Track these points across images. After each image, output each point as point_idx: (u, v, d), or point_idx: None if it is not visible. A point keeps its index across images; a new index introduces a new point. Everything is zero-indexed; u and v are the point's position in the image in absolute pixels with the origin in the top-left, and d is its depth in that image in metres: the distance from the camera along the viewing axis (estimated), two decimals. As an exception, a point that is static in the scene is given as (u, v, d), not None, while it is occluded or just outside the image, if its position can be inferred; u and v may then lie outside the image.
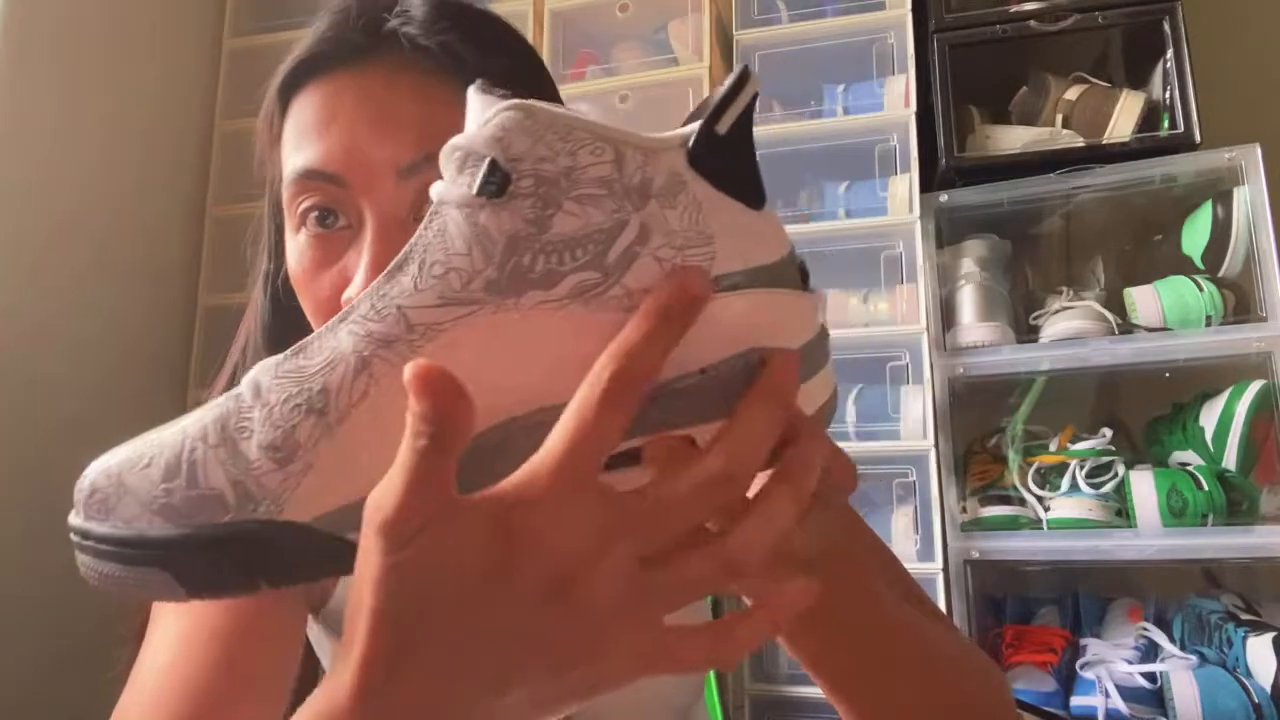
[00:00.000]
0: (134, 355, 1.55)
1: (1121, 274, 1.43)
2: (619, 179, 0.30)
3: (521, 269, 0.30)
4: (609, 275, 0.30)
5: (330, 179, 0.48)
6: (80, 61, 1.47)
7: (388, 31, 0.50)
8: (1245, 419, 1.26)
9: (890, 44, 1.48)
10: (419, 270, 0.31)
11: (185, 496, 0.30)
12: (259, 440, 0.30)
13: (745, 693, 1.35)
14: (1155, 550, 1.22)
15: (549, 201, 0.30)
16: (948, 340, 1.37)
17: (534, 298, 0.30)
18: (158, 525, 0.30)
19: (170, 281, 1.63)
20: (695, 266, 0.30)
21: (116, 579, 0.31)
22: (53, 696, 1.16)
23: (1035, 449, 1.35)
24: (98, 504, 0.31)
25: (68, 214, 1.43)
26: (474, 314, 0.30)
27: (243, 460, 0.30)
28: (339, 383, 0.30)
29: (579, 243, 0.30)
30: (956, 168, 1.42)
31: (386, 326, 0.30)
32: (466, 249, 0.30)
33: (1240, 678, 1.14)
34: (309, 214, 0.49)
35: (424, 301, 0.30)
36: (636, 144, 0.30)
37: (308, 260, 0.50)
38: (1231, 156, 1.32)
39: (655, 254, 0.30)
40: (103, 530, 0.31)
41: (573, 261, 0.30)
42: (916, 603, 0.52)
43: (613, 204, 0.30)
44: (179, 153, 1.67)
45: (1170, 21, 1.38)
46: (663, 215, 0.30)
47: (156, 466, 0.31)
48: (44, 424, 1.35)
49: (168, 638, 0.51)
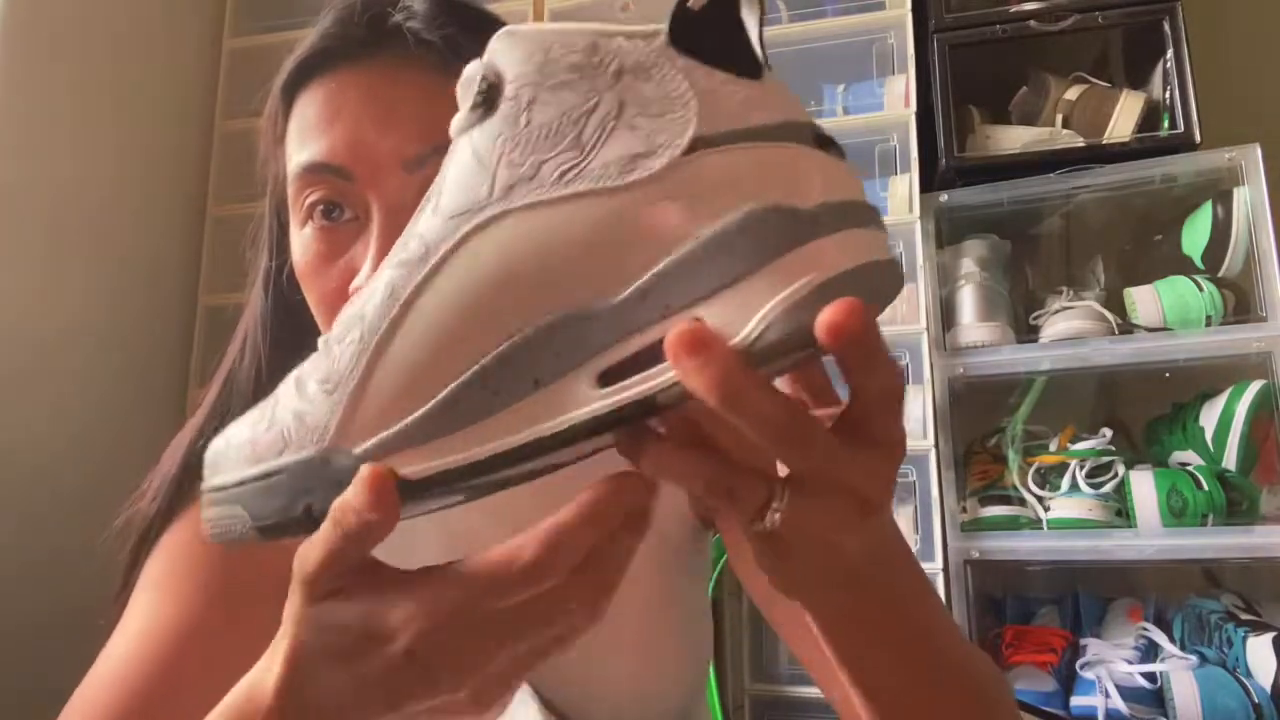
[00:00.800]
0: (134, 355, 1.55)
1: (1121, 274, 1.43)
2: (591, 64, 0.30)
3: (514, 167, 0.31)
4: (586, 153, 0.30)
5: (336, 172, 0.48)
6: (80, 61, 1.47)
7: (391, 27, 0.50)
8: (1245, 419, 1.26)
9: (890, 44, 1.48)
10: (435, 200, 0.32)
11: (265, 438, 0.33)
12: (316, 377, 0.33)
13: (745, 693, 1.35)
14: (1155, 550, 1.22)
15: (528, 100, 0.31)
16: (948, 340, 1.37)
17: (526, 192, 0.30)
18: (245, 468, 0.33)
19: (170, 281, 1.63)
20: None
21: (218, 524, 0.34)
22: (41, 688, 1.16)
23: (1035, 449, 1.35)
24: (211, 463, 0.35)
25: (67, 213, 1.43)
26: (481, 222, 0.31)
27: (305, 397, 0.33)
28: (374, 311, 0.32)
29: (557, 129, 0.30)
30: (956, 168, 1.42)
31: (410, 253, 0.32)
32: (471, 167, 0.31)
33: (1240, 678, 1.14)
34: (315, 208, 0.50)
35: (438, 223, 0.31)
36: (614, 32, 0.31)
37: (313, 254, 0.50)
38: (1231, 156, 1.32)
39: (631, 124, 0.30)
40: (211, 482, 0.34)
41: (554, 149, 0.30)
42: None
43: (586, 85, 0.30)
44: (179, 153, 1.67)
45: (1170, 21, 1.38)
46: (637, 88, 0.30)
47: (252, 422, 0.34)
48: (44, 424, 1.35)
49: (131, 631, 0.52)
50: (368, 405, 0.31)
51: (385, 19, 0.51)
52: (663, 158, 0.29)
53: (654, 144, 0.30)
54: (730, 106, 0.30)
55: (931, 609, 0.43)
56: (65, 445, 1.38)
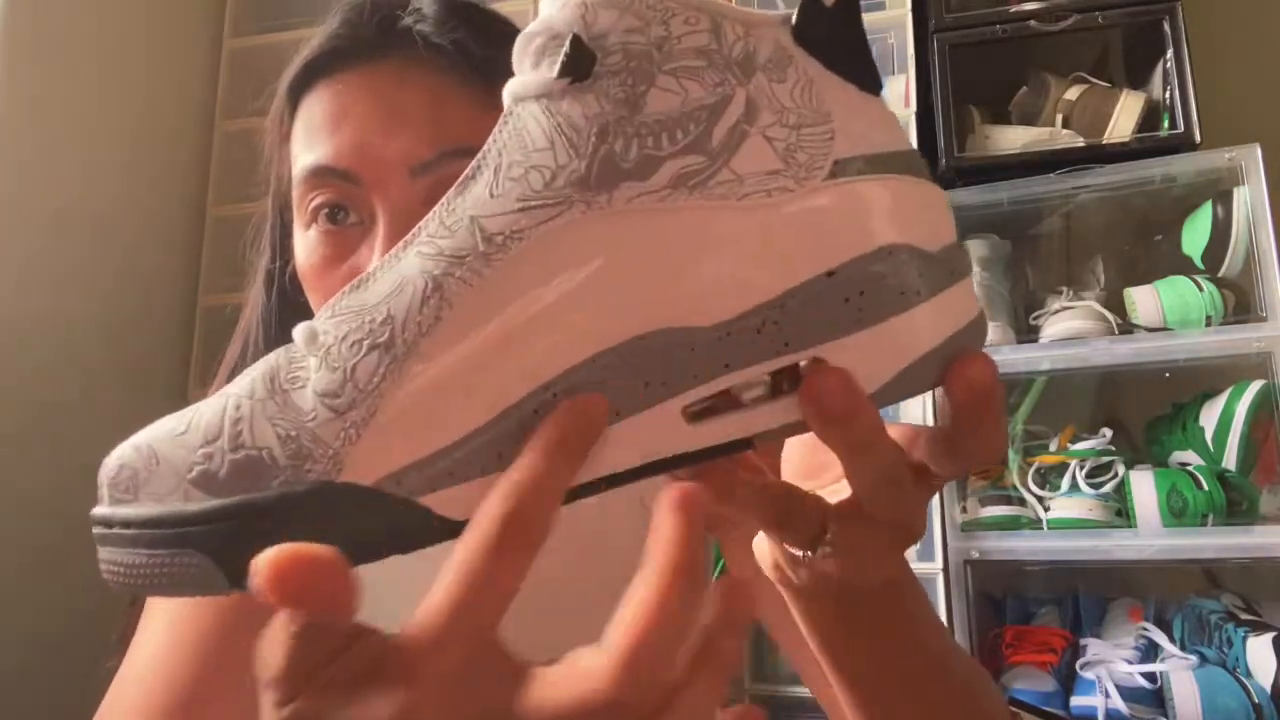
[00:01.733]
0: (134, 355, 1.55)
1: (1121, 274, 1.43)
2: (719, 50, 0.26)
3: (613, 158, 0.26)
4: (714, 158, 0.26)
5: (342, 175, 0.48)
6: (80, 61, 1.47)
7: (400, 29, 0.50)
8: (1245, 419, 1.26)
9: (890, 44, 1.48)
10: (494, 176, 0.27)
11: (228, 461, 0.25)
12: (315, 386, 0.26)
13: (745, 693, 1.35)
14: (1155, 550, 1.22)
15: (641, 77, 0.26)
16: (948, 340, 1.36)
17: (630, 190, 0.26)
18: (195, 498, 0.25)
19: (170, 281, 1.63)
20: (593, 396, 0.25)
21: (144, 572, 0.25)
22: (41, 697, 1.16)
23: (1035, 449, 1.35)
24: (125, 482, 0.27)
25: (67, 213, 1.43)
26: (560, 215, 0.26)
27: (294, 411, 0.25)
28: (406, 309, 0.25)
29: (678, 123, 0.26)
30: (956, 168, 1.41)
31: (459, 241, 0.26)
32: (549, 143, 0.26)
33: (1240, 678, 1.14)
34: (320, 211, 0.49)
35: (501, 208, 0.26)
36: (735, 16, 0.27)
37: (318, 256, 0.50)
38: (1231, 156, 1.31)
39: (765, 133, 0.26)
40: (128, 512, 0.26)
41: (671, 145, 0.26)
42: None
43: (714, 76, 0.26)
44: (179, 153, 1.67)
45: (1170, 21, 1.37)
46: (771, 90, 0.26)
47: (195, 431, 0.26)
48: (44, 424, 1.35)
49: (156, 633, 0.51)
50: (397, 425, 0.25)
51: (394, 21, 0.50)
52: (801, 180, 0.26)
53: (793, 162, 0.26)
54: (861, 127, 0.27)
55: (922, 613, 0.42)
56: (65, 445, 1.38)
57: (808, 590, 0.33)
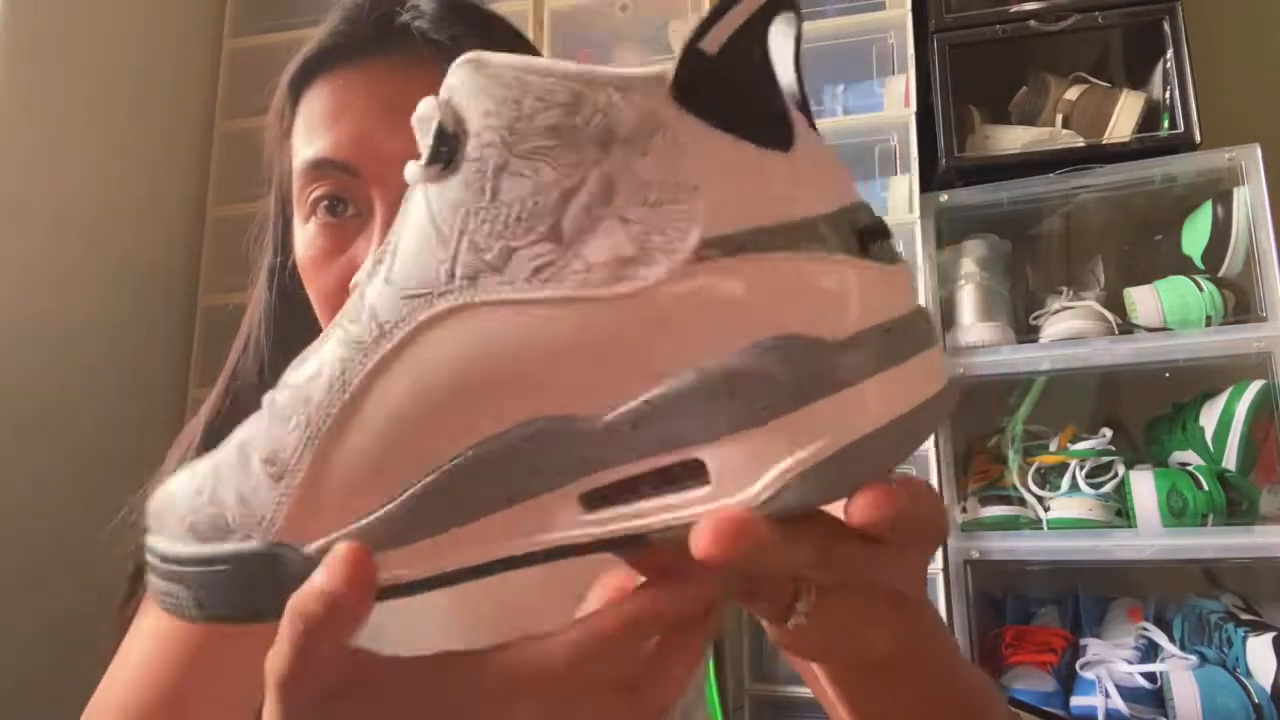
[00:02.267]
0: (134, 355, 1.55)
1: (1121, 274, 1.43)
2: (575, 125, 0.24)
3: (476, 249, 0.25)
4: (566, 247, 0.24)
5: (341, 168, 0.48)
6: (80, 61, 1.47)
7: (399, 26, 0.50)
8: (1245, 419, 1.26)
9: (890, 44, 1.48)
10: (389, 263, 0.27)
11: (206, 514, 0.28)
12: (260, 454, 0.28)
13: (745, 693, 1.35)
14: (1155, 550, 1.22)
15: (496, 162, 0.25)
16: (948, 340, 1.37)
17: (491, 284, 0.25)
18: (185, 541, 0.29)
19: (170, 281, 1.63)
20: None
21: (165, 597, 0.29)
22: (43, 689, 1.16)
23: (1035, 449, 1.35)
24: (154, 517, 0.30)
25: (67, 213, 1.43)
26: (433, 306, 0.26)
27: (250, 475, 0.28)
28: (320, 393, 0.27)
29: (532, 211, 0.25)
30: (956, 168, 1.41)
31: (360, 328, 0.27)
32: (428, 232, 0.26)
33: (1240, 678, 1.14)
34: (319, 203, 0.50)
35: (390, 296, 0.26)
36: (605, 80, 0.24)
37: (317, 249, 0.50)
38: (1231, 156, 1.31)
39: (622, 214, 0.24)
40: (153, 543, 0.30)
41: (526, 234, 0.25)
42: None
43: (568, 156, 0.24)
44: (179, 153, 1.67)
45: (1170, 21, 1.37)
46: (630, 164, 0.24)
47: (197, 479, 0.30)
48: (44, 424, 1.35)
49: (143, 636, 0.52)
50: (319, 498, 0.27)
51: (393, 18, 0.51)
52: (659, 266, 0.24)
53: (648, 245, 0.24)
54: (748, 193, 0.24)
55: (948, 666, 0.40)
56: (65, 445, 1.38)
57: (793, 649, 0.30)
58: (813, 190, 0.25)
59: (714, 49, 0.24)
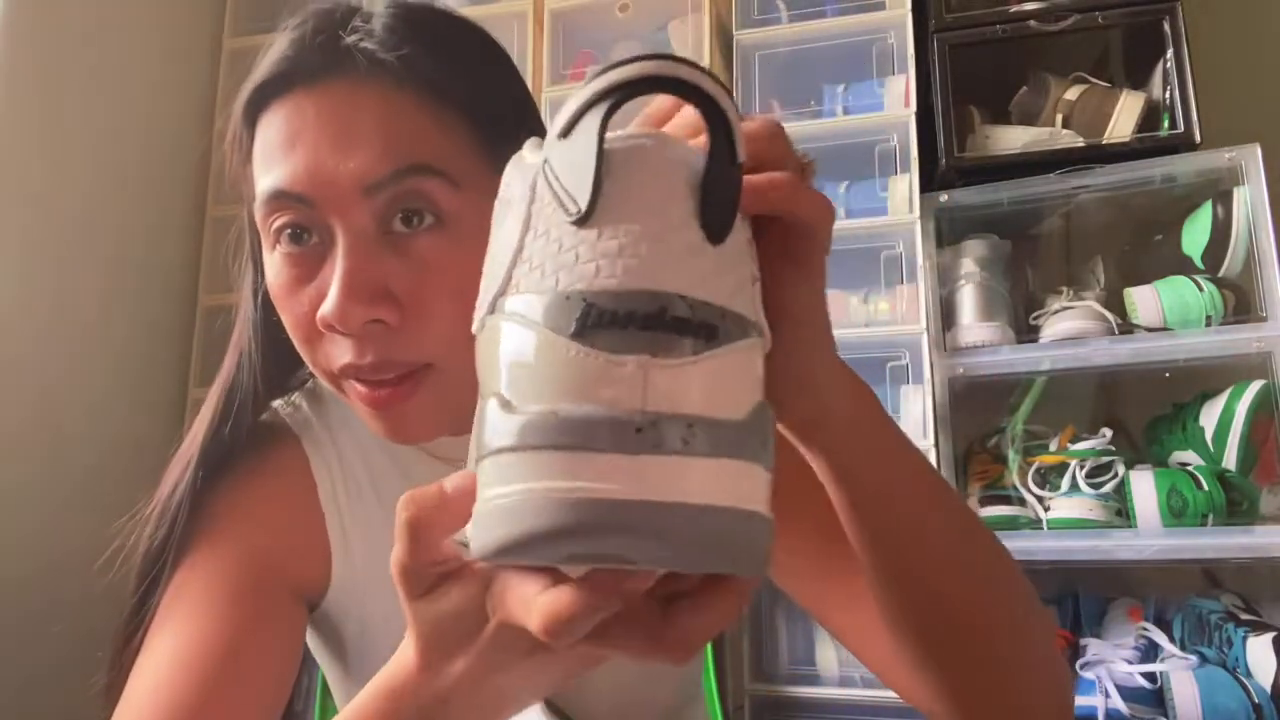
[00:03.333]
0: (134, 355, 1.55)
1: (1121, 274, 1.43)
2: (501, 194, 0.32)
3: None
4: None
5: (298, 199, 0.48)
6: (80, 61, 1.47)
7: (344, 49, 0.49)
8: (1245, 419, 1.26)
9: (890, 44, 1.48)
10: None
11: None
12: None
13: (745, 693, 1.35)
14: (1155, 550, 1.22)
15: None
16: (948, 340, 1.37)
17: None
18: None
19: (170, 281, 1.63)
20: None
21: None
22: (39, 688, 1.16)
23: (1035, 449, 1.35)
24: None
25: (67, 214, 1.43)
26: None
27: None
28: None
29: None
30: (956, 168, 1.41)
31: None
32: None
33: (1240, 678, 1.14)
34: (281, 232, 0.50)
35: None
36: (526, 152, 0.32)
37: (285, 278, 0.50)
38: (1231, 156, 1.31)
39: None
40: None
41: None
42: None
43: (500, 212, 0.32)
44: (179, 153, 1.67)
45: (1170, 21, 1.37)
46: (496, 226, 0.32)
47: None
48: (44, 424, 1.35)
49: (167, 642, 0.51)
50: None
51: (338, 41, 0.50)
52: (482, 311, 0.30)
53: (481, 300, 0.30)
54: (539, 263, 0.28)
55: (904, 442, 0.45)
56: (65, 445, 1.38)
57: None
58: (579, 269, 0.27)
59: (560, 131, 0.29)
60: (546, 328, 0.26)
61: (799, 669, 1.36)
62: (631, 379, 0.25)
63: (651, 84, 0.27)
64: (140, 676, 0.51)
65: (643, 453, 0.25)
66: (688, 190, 0.28)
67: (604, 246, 0.26)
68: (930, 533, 0.44)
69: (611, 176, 0.27)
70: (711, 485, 0.25)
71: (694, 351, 0.26)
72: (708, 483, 0.25)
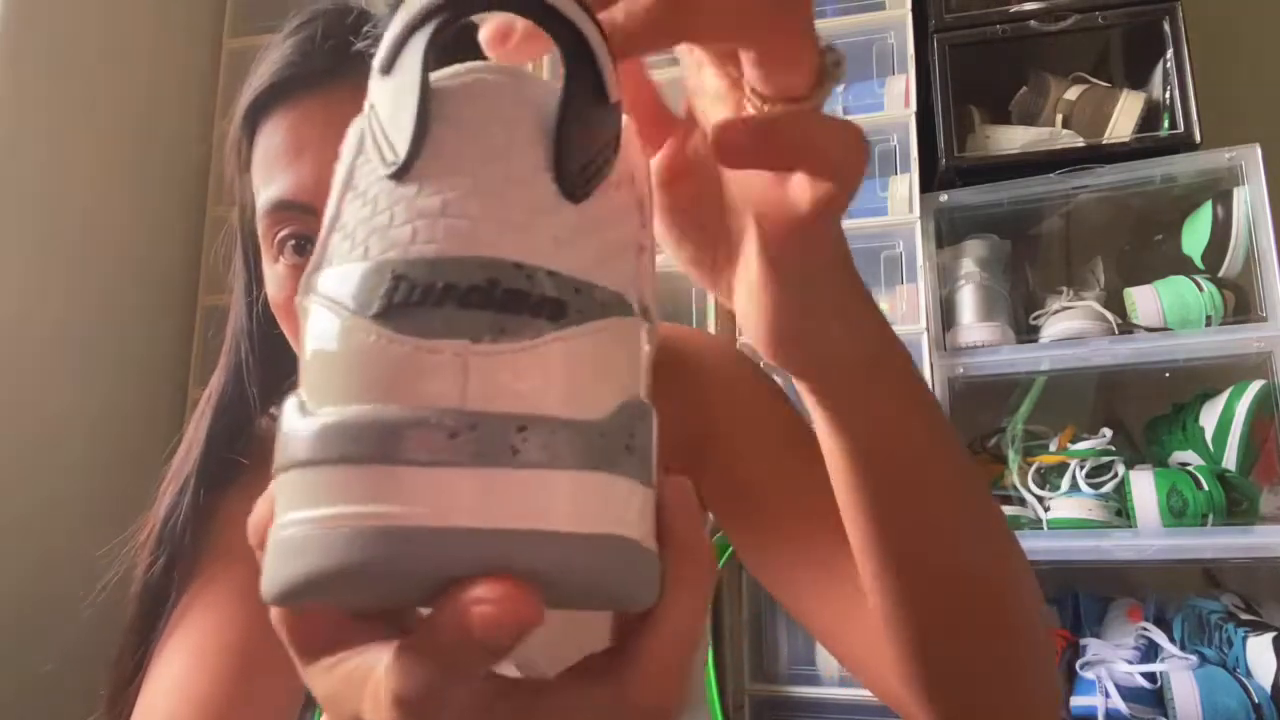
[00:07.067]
0: (134, 355, 1.55)
1: (1121, 274, 1.43)
2: None
3: None
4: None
5: (304, 209, 0.47)
6: (80, 61, 1.47)
7: (355, 54, 0.48)
8: (1245, 419, 1.26)
9: (890, 44, 1.48)
10: None
11: None
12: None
13: (745, 693, 1.35)
14: (1155, 550, 1.22)
15: None
16: (948, 340, 1.37)
17: None
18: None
19: (170, 281, 1.63)
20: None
21: None
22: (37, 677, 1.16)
23: (1035, 449, 1.35)
24: None
25: (67, 214, 1.43)
26: None
27: None
28: None
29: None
30: (956, 168, 1.41)
31: None
32: None
33: (1240, 678, 1.14)
34: (286, 243, 0.48)
35: None
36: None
37: (290, 291, 0.49)
38: (1231, 156, 1.31)
39: None
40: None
41: None
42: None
43: None
44: (179, 153, 1.67)
45: (1170, 21, 1.37)
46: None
47: None
48: (44, 423, 1.35)
49: (180, 652, 0.51)
50: None
51: (348, 46, 0.48)
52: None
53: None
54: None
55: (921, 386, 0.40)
56: (65, 445, 1.38)
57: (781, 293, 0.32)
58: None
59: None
60: (347, 309, 0.21)
61: (799, 669, 1.36)
62: (447, 370, 0.20)
63: (473, 2, 0.22)
64: (158, 680, 0.50)
65: (459, 464, 0.19)
66: (539, 134, 0.22)
67: (423, 204, 0.21)
68: (934, 495, 0.39)
69: (440, 119, 0.22)
70: (552, 503, 0.20)
71: (533, 335, 0.20)
72: (546, 501, 0.20)
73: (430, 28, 0.22)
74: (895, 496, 0.39)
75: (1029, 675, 0.44)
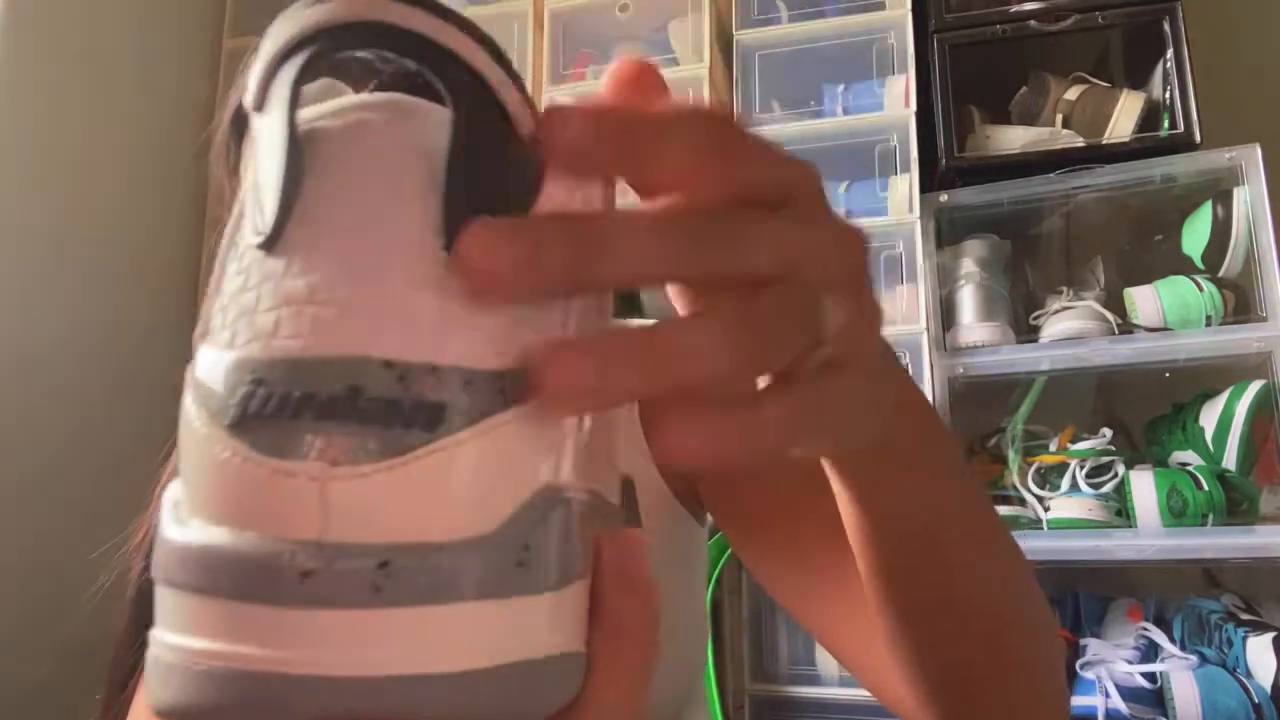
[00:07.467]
0: (134, 355, 1.55)
1: (1121, 274, 1.43)
2: None
3: None
4: None
5: None
6: (79, 62, 1.47)
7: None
8: (1245, 419, 1.26)
9: (890, 44, 1.48)
10: None
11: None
12: None
13: (745, 693, 1.35)
14: (1155, 550, 1.22)
15: None
16: (948, 340, 1.37)
17: None
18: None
19: (170, 281, 1.63)
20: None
21: None
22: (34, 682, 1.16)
23: (1035, 449, 1.35)
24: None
25: (67, 213, 1.43)
26: None
27: None
28: None
29: None
30: (956, 168, 1.41)
31: None
32: None
33: (1240, 678, 1.14)
34: None
35: None
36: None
37: None
38: (1231, 156, 1.31)
39: None
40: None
41: None
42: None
43: None
44: (179, 152, 1.67)
45: (1170, 21, 1.37)
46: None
47: None
48: (45, 423, 1.35)
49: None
50: None
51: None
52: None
53: None
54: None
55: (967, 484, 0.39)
56: (65, 445, 1.38)
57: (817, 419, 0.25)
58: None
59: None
60: (208, 411, 0.18)
61: (799, 669, 1.36)
62: (303, 498, 0.17)
63: (342, 34, 0.18)
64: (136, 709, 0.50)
65: (316, 605, 0.17)
66: (428, 188, 0.18)
67: (289, 288, 0.18)
68: (956, 562, 0.38)
69: (314, 172, 0.18)
70: (423, 644, 0.17)
71: (399, 452, 0.17)
72: (417, 642, 0.17)
73: (296, 64, 0.18)
74: (915, 567, 0.38)
75: (1044, 709, 0.44)
